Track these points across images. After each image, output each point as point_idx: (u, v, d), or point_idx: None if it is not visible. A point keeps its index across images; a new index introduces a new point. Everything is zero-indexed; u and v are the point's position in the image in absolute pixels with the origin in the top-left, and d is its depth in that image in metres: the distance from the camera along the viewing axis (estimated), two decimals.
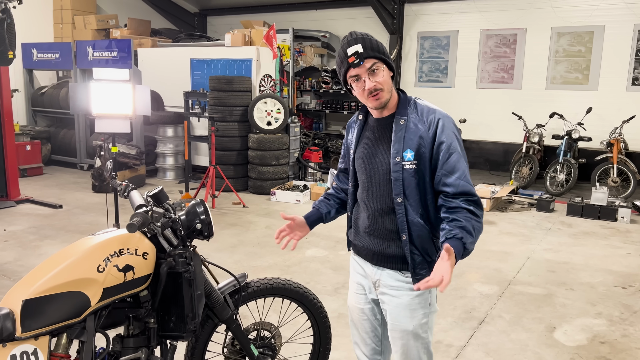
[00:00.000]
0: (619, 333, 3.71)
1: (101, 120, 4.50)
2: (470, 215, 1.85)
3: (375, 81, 1.92)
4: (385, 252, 2.06)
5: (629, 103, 8.91)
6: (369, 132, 2.08)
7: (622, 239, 6.01)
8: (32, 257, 5.00)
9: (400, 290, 2.05)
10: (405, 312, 2.04)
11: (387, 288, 2.08)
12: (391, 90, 1.97)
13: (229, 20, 13.29)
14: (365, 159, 2.08)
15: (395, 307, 2.06)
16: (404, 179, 1.94)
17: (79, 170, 9.59)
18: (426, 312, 2.05)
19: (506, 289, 4.48)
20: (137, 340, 2.08)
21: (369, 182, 2.06)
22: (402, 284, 2.04)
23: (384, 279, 2.09)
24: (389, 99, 1.96)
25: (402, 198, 1.95)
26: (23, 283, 1.84)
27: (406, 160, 1.93)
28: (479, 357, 3.34)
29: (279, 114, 7.89)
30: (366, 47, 1.90)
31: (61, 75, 10.86)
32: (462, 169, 1.91)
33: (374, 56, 1.91)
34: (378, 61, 1.91)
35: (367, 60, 1.90)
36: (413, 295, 2.03)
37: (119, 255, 1.96)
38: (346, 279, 4.60)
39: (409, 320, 2.04)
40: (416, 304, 2.03)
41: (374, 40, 1.94)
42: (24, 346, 1.74)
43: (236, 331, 2.40)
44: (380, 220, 2.05)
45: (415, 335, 2.05)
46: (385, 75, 1.93)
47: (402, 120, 1.95)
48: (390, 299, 2.08)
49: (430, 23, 10.75)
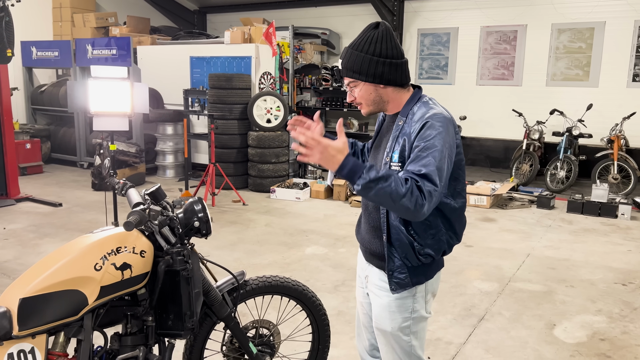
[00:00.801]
0: (619, 330, 3.71)
1: (99, 118, 4.50)
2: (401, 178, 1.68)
3: (352, 96, 1.97)
4: (372, 249, 2.05)
5: (630, 99, 8.88)
6: (383, 127, 2.10)
7: (623, 235, 6.00)
8: (32, 255, 5.00)
9: (382, 290, 2.02)
10: (385, 313, 2.02)
11: (372, 286, 2.08)
12: (381, 102, 1.95)
13: (228, 17, 13.26)
14: (373, 153, 2.11)
15: (377, 306, 2.05)
16: None
17: (79, 168, 9.58)
18: (407, 317, 2.00)
19: (506, 286, 4.48)
20: (135, 338, 2.08)
21: None
22: (384, 284, 2.01)
23: (371, 277, 2.09)
24: (373, 110, 1.98)
25: None
26: (20, 282, 1.84)
27: (393, 161, 1.89)
28: (479, 354, 3.33)
29: (278, 111, 7.88)
30: (344, 66, 1.93)
31: (61, 74, 10.85)
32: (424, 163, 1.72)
33: (350, 76, 1.93)
34: (354, 80, 1.92)
35: (345, 77, 1.96)
36: (393, 298, 1.99)
37: (117, 253, 1.95)
38: (346, 277, 4.60)
39: (389, 322, 2.01)
40: (395, 306, 1.99)
41: (358, 57, 1.86)
42: (21, 345, 1.73)
43: (235, 329, 2.40)
44: (370, 216, 2.05)
45: (395, 337, 2.02)
46: (363, 92, 1.92)
47: (401, 120, 1.93)
48: (374, 297, 2.08)
49: (430, 20, 10.72)
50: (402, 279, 1.95)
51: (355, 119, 11.44)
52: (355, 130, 11.35)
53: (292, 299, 2.62)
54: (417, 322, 2.01)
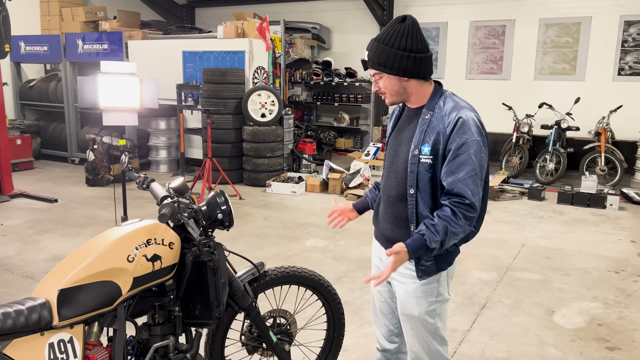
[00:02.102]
0: (615, 315, 3.85)
1: (109, 113, 4.50)
2: (450, 217, 1.88)
3: (377, 86, 2.06)
4: (395, 239, 2.11)
5: (616, 93, 9.10)
6: (402, 120, 2.16)
7: (612, 225, 6.18)
8: (33, 251, 4.99)
9: (407, 277, 2.10)
10: (412, 299, 2.10)
11: (396, 274, 2.14)
12: (404, 94, 2.03)
13: (217, 12, 13.21)
14: (392, 146, 2.16)
15: (403, 293, 2.13)
16: (418, 172, 1.99)
17: (70, 164, 9.51)
18: (433, 301, 2.10)
19: (504, 275, 4.60)
20: (164, 328, 2.13)
21: (390, 168, 2.14)
22: (409, 272, 2.09)
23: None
24: (396, 100, 2.06)
25: (414, 190, 2.00)
26: (55, 274, 1.87)
27: (423, 154, 1.97)
28: (484, 340, 3.44)
29: (273, 106, 7.92)
30: (370, 58, 2.01)
31: (49, 68, 10.73)
32: (466, 171, 1.89)
33: (375, 68, 2.00)
34: (379, 72, 2.00)
35: (370, 68, 2.03)
36: (419, 284, 2.08)
37: (147, 245, 2.00)
38: (348, 268, 4.69)
39: (415, 307, 2.10)
40: (422, 292, 2.09)
41: (384, 50, 1.94)
42: (61, 334, 1.78)
43: (256, 318, 2.46)
44: (394, 207, 2.11)
45: (422, 321, 2.11)
46: (387, 83, 2.01)
47: (428, 114, 2.00)
48: (399, 285, 2.15)
49: (419, 14, 10.78)
50: (428, 266, 2.03)
51: (347, 114, 11.50)
52: (347, 124, 11.43)
53: (308, 289, 2.70)
54: (441, 304, 2.12)
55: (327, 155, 10.23)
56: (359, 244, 5.37)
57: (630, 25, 9.05)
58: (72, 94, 9.32)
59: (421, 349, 2.15)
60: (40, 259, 4.78)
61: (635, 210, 6.90)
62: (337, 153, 11.04)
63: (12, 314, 1.67)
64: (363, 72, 11.30)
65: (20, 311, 1.69)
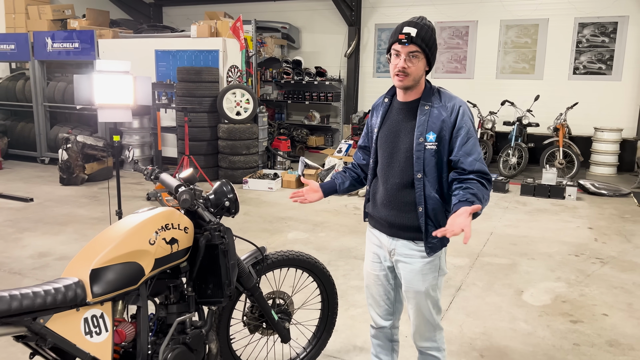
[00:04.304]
0: (577, 293, 4.21)
1: (104, 110, 4.58)
2: (481, 187, 2.14)
3: (407, 65, 2.14)
4: (400, 223, 2.32)
5: (571, 91, 9.66)
6: (394, 113, 2.34)
7: (571, 214, 6.63)
8: (17, 248, 5.01)
9: (413, 258, 2.33)
10: (418, 277, 2.33)
11: (402, 256, 2.36)
12: (418, 80, 2.21)
13: (185, 11, 13.22)
14: (389, 138, 2.33)
15: (409, 272, 2.35)
16: (424, 158, 2.20)
17: (39, 164, 9.39)
18: (436, 275, 2.34)
19: (476, 260, 4.93)
20: (180, 306, 2.30)
21: (390, 158, 2.32)
22: (414, 252, 2.32)
23: (399, 249, 2.36)
24: (411, 85, 2.21)
25: (421, 174, 2.22)
26: (83, 256, 2.02)
27: (428, 141, 2.19)
28: (461, 318, 3.73)
29: (247, 104, 8.07)
30: (419, 34, 2.10)
31: (14, 67, 10.54)
32: (478, 151, 2.18)
33: (420, 45, 2.11)
34: (420, 52, 2.14)
35: (413, 45, 2.11)
36: (425, 262, 2.31)
37: (166, 229, 2.17)
38: (330, 257, 4.91)
39: (421, 283, 2.33)
40: (427, 269, 2.32)
41: (431, 35, 2.14)
42: (93, 310, 1.93)
43: (259, 298, 2.65)
44: (398, 194, 2.31)
45: (426, 294, 2.35)
46: (419, 66, 2.16)
47: (427, 106, 2.22)
48: (404, 265, 2.36)
49: (386, 15, 11.15)
50: (434, 243, 2.27)
51: (317, 112, 11.74)
52: (317, 122, 11.66)
53: (305, 271, 2.91)
54: (441, 278, 2.37)
55: (301, 152, 10.44)
56: (339, 235, 5.61)
57: (584, 27, 9.62)
58: (40, 92, 9.21)
59: (423, 319, 2.39)
60: (25, 256, 4.82)
61: (591, 200, 7.40)
62: (309, 150, 11.26)
63: (52, 291, 1.81)
64: (332, 72, 11.57)
65: (59, 289, 1.83)
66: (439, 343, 2.47)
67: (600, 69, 9.61)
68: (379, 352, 2.70)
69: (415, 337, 2.48)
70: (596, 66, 9.64)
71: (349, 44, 11.39)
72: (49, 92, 9.21)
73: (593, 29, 9.59)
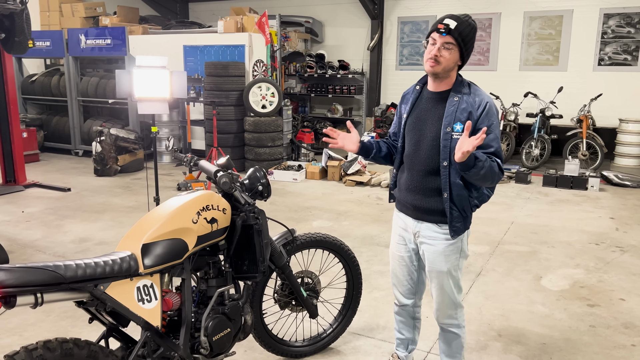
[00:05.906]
0: (595, 279, 4.32)
1: (143, 103, 4.85)
2: (494, 165, 2.27)
3: (440, 54, 2.27)
4: (425, 207, 2.48)
5: (596, 82, 9.62)
6: (423, 102, 2.48)
7: (593, 204, 6.68)
8: (59, 234, 5.33)
9: (437, 240, 2.49)
10: (441, 257, 2.49)
11: (426, 238, 2.52)
12: (448, 71, 2.33)
13: (210, 6, 13.49)
14: (416, 125, 2.47)
15: (432, 253, 2.51)
16: (451, 147, 2.33)
17: (74, 156, 9.79)
18: (457, 257, 2.50)
19: (496, 248, 5.06)
20: (219, 280, 2.52)
21: (417, 145, 2.46)
22: (438, 235, 2.48)
23: (423, 231, 2.52)
24: (439, 72, 2.31)
25: (447, 162, 2.36)
26: (134, 234, 2.25)
27: (455, 131, 2.33)
28: (481, 301, 3.89)
29: (273, 97, 8.28)
30: (457, 28, 2.24)
31: (49, 63, 10.96)
32: (496, 146, 2.31)
33: (457, 39, 2.25)
34: (455, 45, 2.27)
35: (450, 36, 2.25)
36: (448, 244, 2.47)
37: (206, 210, 2.39)
38: (354, 244, 5.10)
39: (444, 264, 2.50)
40: (450, 250, 2.48)
41: (469, 32, 2.28)
42: (144, 281, 2.16)
43: (290, 276, 2.86)
44: (423, 179, 2.46)
45: (448, 274, 2.51)
46: (452, 57, 2.28)
47: (457, 97, 2.35)
48: (428, 247, 2.52)
49: (409, 8, 11.23)
50: (458, 227, 2.43)
51: (340, 105, 11.90)
52: (340, 115, 11.83)
53: (331, 252, 3.11)
54: (463, 259, 2.54)
55: (323, 145, 10.63)
56: (362, 223, 5.79)
57: (610, 17, 9.56)
58: (74, 87, 9.59)
59: (445, 297, 2.56)
60: (68, 241, 5.13)
61: (614, 191, 7.42)
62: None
63: (110, 262, 2.05)
64: (355, 65, 11.71)
65: (115, 260, 2.07)
66: (459, 320, 2.64)
67: (626, 60, 9.55)
68: (402, 328, 2.89)
69: (438, 314, 2.65)
70: (621, 57, 9.58)
71: (371, 37, 11.51)
72: (82, 87, 9.59)
73: (618, 19, 9.52)
